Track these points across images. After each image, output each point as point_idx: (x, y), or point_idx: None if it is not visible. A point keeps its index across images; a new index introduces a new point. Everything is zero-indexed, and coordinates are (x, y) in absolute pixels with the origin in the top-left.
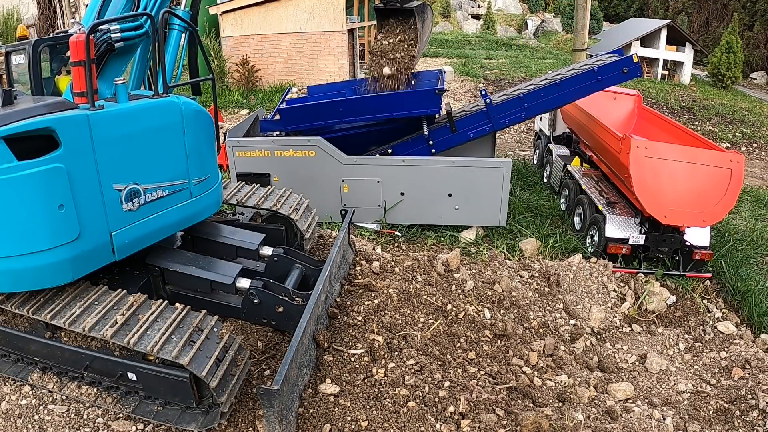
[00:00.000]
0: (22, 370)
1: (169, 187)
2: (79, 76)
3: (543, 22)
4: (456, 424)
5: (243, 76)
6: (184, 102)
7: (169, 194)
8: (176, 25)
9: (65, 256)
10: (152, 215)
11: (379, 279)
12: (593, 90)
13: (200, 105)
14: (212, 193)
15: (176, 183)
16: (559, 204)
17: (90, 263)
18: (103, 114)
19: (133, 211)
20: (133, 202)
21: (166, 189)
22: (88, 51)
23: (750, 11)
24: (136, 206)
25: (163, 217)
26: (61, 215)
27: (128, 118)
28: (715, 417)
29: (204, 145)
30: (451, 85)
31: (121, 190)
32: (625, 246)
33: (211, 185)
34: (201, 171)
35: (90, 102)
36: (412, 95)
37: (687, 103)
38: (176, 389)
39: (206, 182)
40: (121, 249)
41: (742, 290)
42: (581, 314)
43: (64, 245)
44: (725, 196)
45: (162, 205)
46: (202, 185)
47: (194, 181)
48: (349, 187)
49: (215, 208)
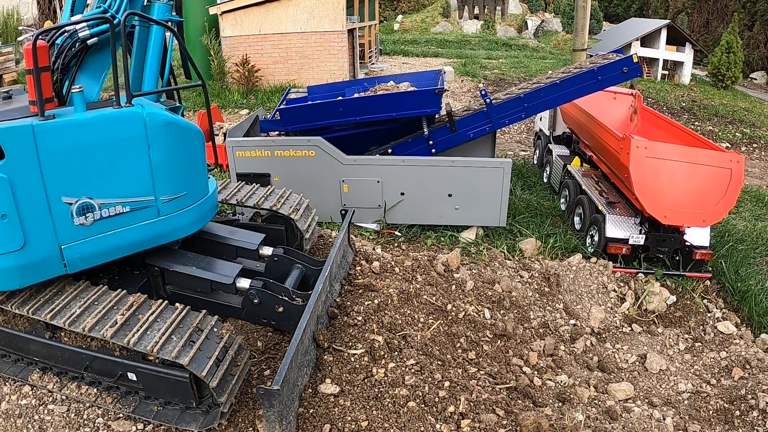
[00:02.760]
0: (22, 370)
1: (131, 204)
2: (30, 85)
3: (543, 22)
4: (456, 424)
5: (243, 76)
6: (151, 113)
7: (131, 211)
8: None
9: (9, 264)
10: (110, 231)
11: (379, 279)
12: (593, 90)
13: (178, 115)
14: (191, 212)
15: (139, 199)
16: (559, 204)
17: (38, 273)
18: (50, 125)
19: (86, 226)
20: (86, 216)
21: (126, 205)
22: (35, 59)
23: (750, 11)
24: (90, 221)
25: (123, 234)
26: (3, 224)
27: (80, 129)
28: (715, 417)
29: (178, 160)
30: (451, 85)
31: (72, 203)
32: (625, 246)
33: (188, 203)
34: (173, 188)
35: (40, 111)
36: (412, 95)
37: (687, 103)
38: (176, 389)
39: (182, 200)
40: (73, 263)
41: (742, 290)
42: (581, 314)
43: (8, 254)
44: (725, 196)
45: (122, 221)
46: (175, 203)
47: (164, 199)
48: (349, 187)
49: (197, 226)
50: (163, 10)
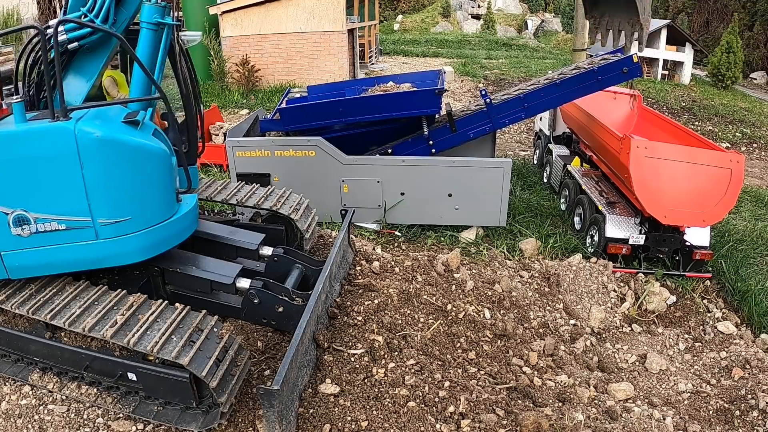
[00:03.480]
0: (22, 370)
1: (67, 222)
2: None
3: (543, 22)
4: (456, 424)
5: (243, 76)
6: (83, 131)
7: (67, 229)
8: (145, 22)
9: None
10: (47, 246)
11: (379, 279)
12: (593, 90)
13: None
14: (138, 239)
15: (75, 219)
16: (559, 204)
17: None
18: None
19: (23, 237)
20: (22, 228)
21: (62, 223)
22: None
23: (750, 11)
24: (27, 233)
25: (60, 251)
26: None
27: (10, 141)
28: (715, 417)
29: (120, 182)
30: (451, 85)
31: (8, 213)
32: (625, 246)
33: (134, 229)
34: (113, 211)
35: None
36: (412, 95)
37: (687, 103)
38: (176, 389)
39: (125, 225)
40: (14, 270)
41: (742, 290)
42: (581, 314)
43: None
44: (725, 196)
45: (58, 238)
46: (115, 228)
47: (101, 222)
48: (349, 187)
49: (148, 253)
50: (150, 11)
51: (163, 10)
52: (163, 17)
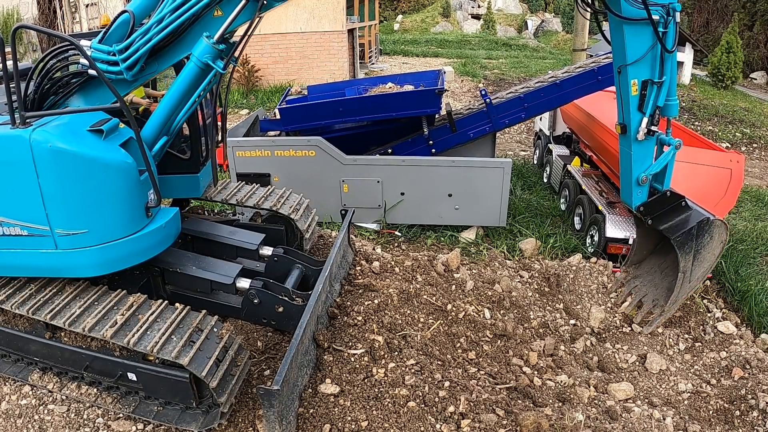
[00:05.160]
0: (22, 370)
1: (29, 229)
2: None
3: (543, 22)
4: (456, 424)
5: (243, 76)
6: (37, 139)
7: (29, 235)
8: (195, 57)
9: None
10: (12, 249)
11: (379, 279)
12: (593, 90)
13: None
14: (97, 253)
15: (35, 227)
16: (559, 204)
17: None
18: None
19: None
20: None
21: (25, 229)
22: None
23: (750, 11)
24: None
25: (24, 256)
26: None
27: None
28: (715, 417)
29: (75, 194)
30: (451, 85)
31: None
32: (625, 246)
33: (92, 243)
34: (69, 223)
35: None
36: (412, 95)
37: (687, 103)
38: (176, 389)
39: (83, 238)
40: None
41: (742, 290)
42: (581, 314)
43: None
44: (725, 196)
45: (22, 243)
46: (73, 239)
47: (59, 232)
48: (349, 187)
49: (109, 268)
50: (204, 50)
51: (218, 53)
52: (214, 61)
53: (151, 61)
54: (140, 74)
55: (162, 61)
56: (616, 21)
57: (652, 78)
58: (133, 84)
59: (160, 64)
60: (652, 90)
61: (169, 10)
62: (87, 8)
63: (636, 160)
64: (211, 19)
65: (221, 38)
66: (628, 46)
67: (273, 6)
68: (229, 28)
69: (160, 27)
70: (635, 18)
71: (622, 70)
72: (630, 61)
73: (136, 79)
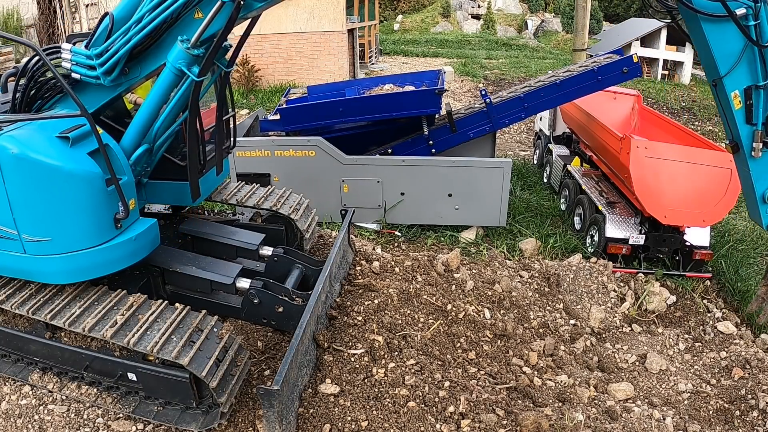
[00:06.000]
0: (22, 370)
1: (1, 231)
2: None
3: (543, 22)
4: (456, 424)
5: (243, 76)
6: (3, 146)
7: (2, 237)
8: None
9: None
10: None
11: (379, 279)
12: (593, 90)
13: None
14: (61, 261)
15: (5, 229)
16: (559, 204)
17: None
18: None
19: None
20: None
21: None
22: None
23: None
24: None
25: None
26: None
27: None
28: (715, 417)
29: (37, 202)
30: (451, 85)
31: None
32: (625, 246)
33: (56, 251)
34: (34, 229)
35: None
36: (412, 95)
37: (687, 103)
38: (176, 389)
39: (47, 245)
40: None
41: (742, 290)
42: (581, 314)
43: None
44: (725, 196)
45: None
46: (38, 246)
47: (26, 237)
48: (349, 187)
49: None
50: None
51: (194, 59)
52: (189, 67)
53: (133, 65)
54: (122, 79)
55: (144, 65)
56: (692, 18)
57: (755, 83)
58: (116, 89)
59: (143, 69)
60: (759, 96)
61: (147, 9)
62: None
63: (757, 178)
64: (191, 22)
65: (197, 42)
66: (715, 48)
67: (253, 8)
68: (206, 31)
69: (138, 27)
70: (711, 13)
71: (717, 84)
72: (723, 71)
73: (119, 84)
